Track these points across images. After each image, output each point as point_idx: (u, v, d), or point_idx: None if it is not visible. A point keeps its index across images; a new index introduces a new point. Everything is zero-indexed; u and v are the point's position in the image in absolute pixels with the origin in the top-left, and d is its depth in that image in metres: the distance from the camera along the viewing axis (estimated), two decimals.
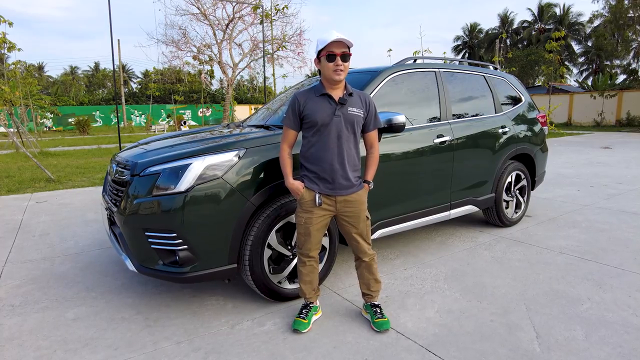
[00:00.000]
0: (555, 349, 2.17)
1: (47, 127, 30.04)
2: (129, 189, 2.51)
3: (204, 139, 2.88)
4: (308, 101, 2.29)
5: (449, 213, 3.71)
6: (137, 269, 2.51)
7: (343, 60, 2.20)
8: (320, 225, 2.35)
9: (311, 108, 2.27)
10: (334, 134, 2.25)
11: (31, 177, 7.90)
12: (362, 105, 2.33)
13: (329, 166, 2.27)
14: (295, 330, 2.37)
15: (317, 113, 2.25)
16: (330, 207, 2.32)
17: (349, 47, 2.22)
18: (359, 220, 2.37)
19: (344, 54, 2.20)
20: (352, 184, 2.32)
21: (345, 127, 2.26)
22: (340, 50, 2.19)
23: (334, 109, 2.25)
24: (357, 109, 2.30)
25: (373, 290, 2.50)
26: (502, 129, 4.11)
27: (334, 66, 2.19)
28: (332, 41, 2.15)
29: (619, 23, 24.45)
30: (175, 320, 2.55)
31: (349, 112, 2.27)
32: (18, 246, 4.00)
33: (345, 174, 2.28)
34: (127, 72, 52.04)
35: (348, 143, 2.28)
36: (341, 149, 2.26)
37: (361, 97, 2.36)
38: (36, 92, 18.80)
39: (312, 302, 2.51)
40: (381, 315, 2.44)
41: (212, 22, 14.05)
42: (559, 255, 3.53)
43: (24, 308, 2.74)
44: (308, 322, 2.42)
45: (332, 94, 2.28)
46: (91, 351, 2.23)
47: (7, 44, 11.40)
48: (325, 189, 2.29)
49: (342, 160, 2.27)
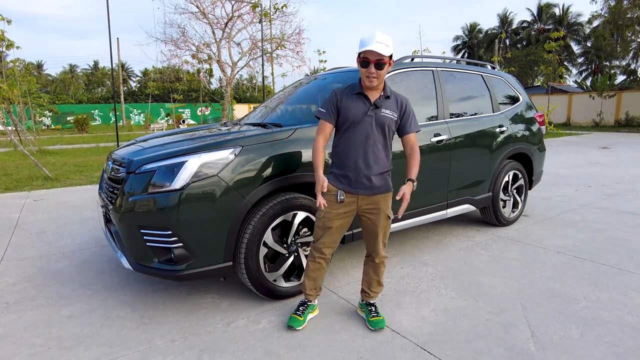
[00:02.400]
0: (551, 348, 2.17)
1: (46, 125, 29.99)
2: (124, 187, 2.51)
3: (200, 137, 2.87)
4: (345, 98, 2.30)
5: (446, 212, 3.70)
6: (133, 266, 2.50)
7: (378, 68, 2.17)
8: (339, 223, 2.33)
9: (346, 105, 2.28)
10: (362, 133, 2.25)
11: (29, 175, 7.88)
12: (397, 109, 2.31)
13: (353, 164, 2.27)
14: (290, 327, 2.37)
15: (350, 110, 2.26)
16: (352, 205, 2.31)
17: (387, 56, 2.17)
18: (379, 220, 2.34)
19: (379, 62, 2.16)
20: (374, 185, 2.29)
21: (375, 128, 2.25)
22: (375, 58, 2.15)
23: (367, 109, 2.25)
24: (390, 112, 2.28)
25: (373, 291, 2.50)
26: (500, 128, 4.11)
27: (367, 72, 2.19)
28: (368, 50, 2.13)
29: (618, 23, 24.47)
30: (171, 318, 2.55)
31: (382, 113, 2.25)
32: (14, 244, 3.99)
33: (368, 174, 2.27)
34: (126, 71, 51.98)
35: (376, 144, 2.27)
36: (367, 149, 2.26)
37: (398, 100, 2.33)
38: (35, 90, 18.74)
39: (311, 300, 2.50)
40: (376, 314, 2.43)
41: (211, 20, 14.03)
42: (555, 254, 3.53)
43: (19, 305, 2.73)
44: (304, 319, 2.41)
45: (368, 94, 2.28)
46: (85, 349, 2.23)
47: (6, 41, 11.39)
48: (347, 186, 2.29)
49: (367, 160, 2.26)
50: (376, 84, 2.22)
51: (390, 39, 2.20)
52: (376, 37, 2.14)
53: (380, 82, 2.25)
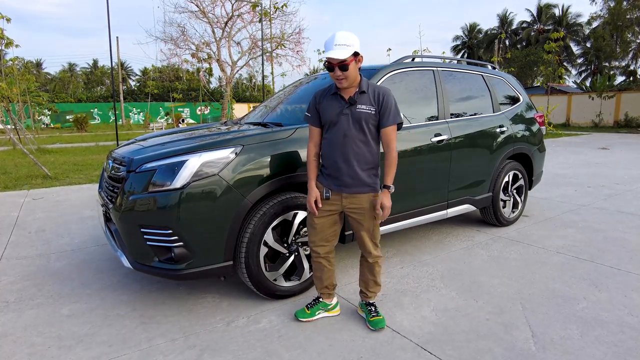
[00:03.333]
0: (551, 348, 2.17)
1: (45, 124, 29.93)
2: (124, 185, 2.50)
3: (201, 136, 2.87)
4: (323, 99, 2.32)
5: (446, 212, 3.70)
6: (133, 265, 2.50)
7: (342, 70, 2.15)
8: (325, 220, 2.34)
9: (324, 106, 2.30)
10: (340, 133, 2.24)
11: (28, 174, 7.86)
12: (374, 102, 2.25)
13: (334, 163, 2.28)
14: (295, 317, 2.47)
15: (327, 111, 2.28)
16: (336, 203, 2.31)
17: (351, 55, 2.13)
18: (364, 220, 2.32)
19: (342, 65, 2.13)
20: (358, 183, 2.27)
21: (352, 126, 2.23)
22: (337, 62, 2.13)
23: (342, 108, 2.25)
24: (366, 107, 2.23)
25: (371, 291, 2.49)
26: (500, 128, 4.11)
27: (334, 76, 2.19)
28: (328, 56, 2.12)
29: (617, 24, 24.51)
30: (171, 318, 2.54)
31: (357, 109, 2.23)
32: (13, 243, 3.98)
33: (350, 172, 2.25)
34: (126, 70, 51.90)
35: (355, 141, 2.24)
36: (346, 148, 2.24)
37: (375, 93, 2.26)
38: (34, 89, 18.70)
39: (323, 298, 2.52)
40: (376, 314, 2.43)
41: (211, 20, 14.01)
42: (555, 255, 3.53)
43: (18, 304, 2.73)
44: (311, 313, 2.47)
45: (343, 93, 2.27)
46: (85, 348, 2.22)
47: (5, 40, 11.37)
48: (332, 184, 2.31)
49: (347, 158, 2.25)
50: (346, 85, 2.21)
51: (353, 37, 2.14)
52: (335, 40, 2.11)
53: (352, 81, 2.22)
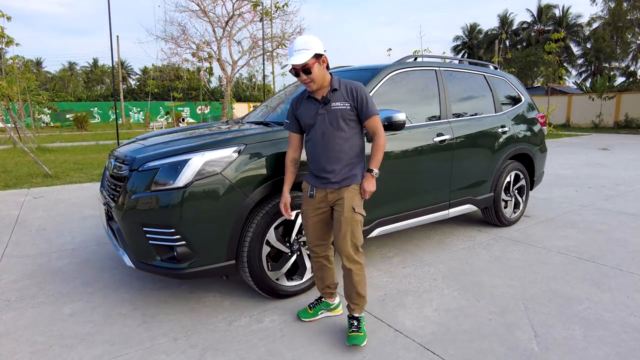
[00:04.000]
0: (554, 348, 2.17)
1: (45, 122, 29.91)
2: (127, 184, 2.50)
3: (203, 135, 2.86)
4: (299, 105, 2.35)
5: (448, 212, 3.70)
6: (135, 264, 2.49)
7: (307, 74, 2.15)
8: (316, 219, 2.33)
9: (301, 111, 2.33)
10: (319, 133, 2.25)
11: (28, 173, 7.86)
12: (347, 97, 2.23)
13: (317, 163, 2.28)
14: (297, 317, 2.49)
15: (304, 115, 2.30)
16: (323, 200, 2.30)
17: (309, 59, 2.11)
18: (342, 211, 2.23)
19: (305, 69, 2.13)
20: (340, 178, 2.24)
21: (329, 124, 2.22)
22: (300, 67, 2.13)
23: (317, 109, 2.25)
24: (340, 103, 2.23)
25: (354, 303, 2.31)
26: (502, 128, 4.11)
27: (301, 80, 2.20)
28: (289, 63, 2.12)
29: (617, 25, 24.53)
30: (173, 317, 2.54)
31: (332, 107, 2.22)
32: (14, 241, 3.98)
33: (333, 169, 2.24)
34: (126, 69, 51.86)
35: (334, 139, 2.22)
36: (326, 147, 2.24)
37: (347, 88, 2.25)
38: (34, 88, 18.69)
39: (325, 298, 2.52)
40: (357, 329, 2.24)
41: (211, 19, 14.00)
42: (557, 255, 3.53)
43: (20, 303, 2.72)
44: (313, 312, 2.48)
45: (317, 94, 2.27)
46: (87, 346, 2.22)
47: (5, 38, 11.34)
48: (317, 182, 2.30)
49: (329, 157, 2.24)
50: (315, 87, 2.21)
51: (312, 40, 2.14)
52: (295, 47, 2.12)
53: (321, 82, 2.21)
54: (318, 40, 2.17)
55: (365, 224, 3.08)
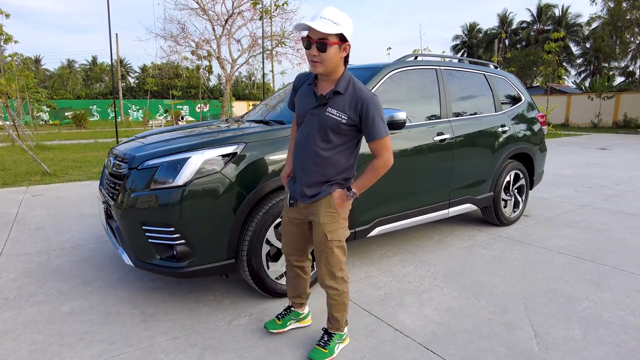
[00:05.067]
0: (554, 348, 2.17)
1: (44, 120, 29.83)
2: (126, 183, 2.49)
3: (202, 133, 2.85)
4: (301, 86, 2.03)
5: (448, 211, 3.70)
6: (134, 263, 2.48)
7: (321, 50, 1.75)
8: (294, 229, 2.08)
9: (299, 96, 2.01)
10: (303, 134, 1.94)
11: (27, 170, 7.83)
12: (350, 108, 1.85)
13: (295, 169, 2.01)
14: (265, 328, 2.27)
15: (299, 103, 1.98)
16: (301, 211, 2.03)
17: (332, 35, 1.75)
18: (317, 234, 1.97)
19: (322, 42, 1.73)
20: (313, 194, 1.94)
21: (317, 131, 1.88)
22: (317, 37, 1.74)
23: (311, 105, 1.91)
24: (337, 112, 1.85)
25: (330, 322, 2.16)
26: (502, 128, 4.10)
27: (309, 55, 1.79)
28: (310, 26, 1.72)
29: (617, 25, 24.53)
30: (172, 316, 2.53)
31: (326, 113, 1.86)
32: (13, 239, 3.96)
33: (306, 181, 1.93)
34: (125, 67, 51.75)
35: (316, 149, 1.89)
36: (306, 154, 1.91)
37: (354, 98, 1.85)
38: (33, 85, 18.63)
39: (294, 307, 2.34)
40: (323, 345, 2.08)
41: (211, 17, 13.96)
42: (557, 254, 3.53)
43: (18, 301, 2.71)
44: (282, 324, 2.27)
45: (319, 85, 1.92)
46: (86, 345, 2.21)
47: (4, 35, 11.30)
48: (295, 191, 2.02)
49: (304, 165, 1.93)
50: (321, 70, 1.81)
51: (344, 16, 1.77)
52: (322, 13, 1.74)
53: (329, 71, 1.83)
54: (351, 22, 1.80)
55: (365, 223, 3.08)
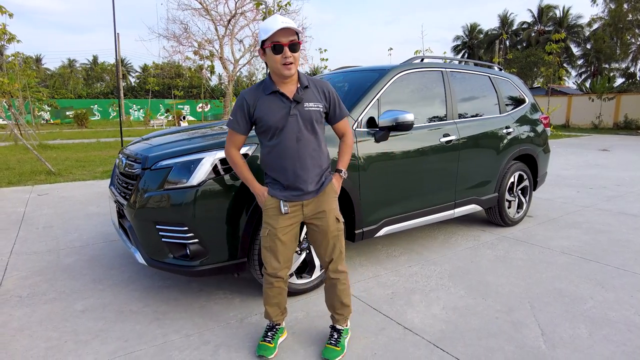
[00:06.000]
0: (561, 347, 2.21)
1: (45, 120, 29.88)
2: (139, 183, 2.52)
3: (214, 134, 2.89)
4: (258, 101, 1.97)
5: (453, 212, 3.74)
6: (147, 261, 2.52)
7: (293, 51, 1.88)
8: (287, 237, 2.06)
9: (262, 110, 1.96)
10: (292, 137, 1.96)
11: (31, 170, 7.88)
12: (320, 98, 2.03)
13: (291, 173, 1.99)
14: (261, 357, 2.09)
15: (269, 115, 1.95)
16: (297, 214, 2.05)
17: (297, 34, 1.89)
18: (328, 225, 2.06)
19: (293, 43, 1.87)
20: (317, 187, 2.05)
21: (304, 127, 1.97)
22: (288, 40, 1.85)
23: (288, 108, 1.95)
24: (314, 104, 1.99)
25: (338, 313, 2.19)
26: (506, 129, 4.14)
27: (282, 59, 1.87)
28: (278, 30, 1.82)
29: (618, 26, 24.58)
30: (184, 314, 2.57)
31: (306, 108, 1.97)
32: (22, 238, 4.00)
33: (309, 178, 2.01)
34: (126, 66, 51.79)
35: (309, 144, 1.99)
36: (302, 153, 1.98)
37: (318, 88, 2.04)
38: (34, 85, 18.67)
39: (279, 323, 2.25)
40: (335, 343, 2.12)
41: (214, 17, 14.02)
42: (561, 255, 3.57)
43: (31, 299, 2.75)
44: (274, 346, 2.14)
45: (284, 90, 1.96)
46: (102, 342, 2.25)
47: (7, 35, 11.33)
48: (289, 195, 2.02)
49: (304, 165, 1.99)
50: (294, 71, 1.92)
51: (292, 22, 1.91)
52: (277, 19, 1.85)
53: (295, 70, 1.95)
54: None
55: (372, 224, 3.12)
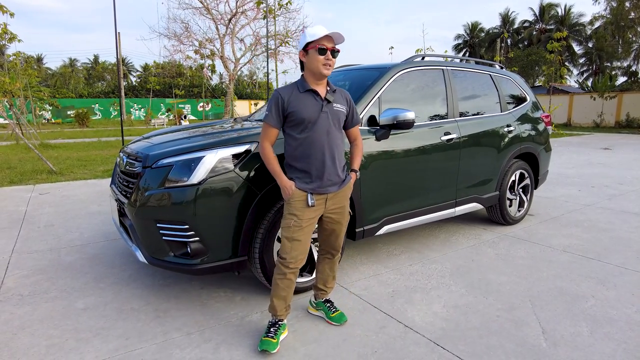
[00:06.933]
0: (562, 345, 2.21)
1: (46, 119, 29.91)
2: (140, 181, 2.53)
3: (215, 133, 2.89)
4: (292, 98, 2.18)
5: (454, 210, 3.73)
6: (148, 260, 2.53)
7: (334, 56, 2.18)
8: (310, 228, 2.20)
9: (296, 105, 2.16)
10: (323, 130, 2.18)
11: (32, 169, 7.89)
12: (345, 102, 2.31)
13: (320, 163, 2.17)
14: (264, 351, 2.13)
15: (303, 110, 2.16)
16: (320, 207, 2.22)
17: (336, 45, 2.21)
18: (343, 219, 2.34)
19: (334, 50, 2.18)
20: (341, 180, 2.27)
21: (332, 123, 2.21)
22: (331, 45, 2.16)
23: (320, 105, 2.19)
24: (340, 106, 2.27)
25: (329, 287, 2.52)
26: (508, 127, 4.14)
27: (325, 60, 2.14)
28: (324, 35, 2.12)
29: (619, 25, 24.49)
30: (185, 312, 2.57)
31: (334, 108, 2.23)
32: (24, 237, 4.01)
33: (335, 170, 2.23)
34: (127, 66, 51.81)
35: (336, 139, 2.23)
36: (331, 145, 2.20)
37: (342, 94, 2.33)
38: (35, 84, 18.68)
39: (282, 319, 2.28)
40: (336, 309, 2.48)
41: (214, 16, 14.01)
42: (562, 253, 3.56)
43: (33, 297, 2.76)
44: (277, 341, 2.18)
45: (317, 89, 2.21)
46: (103, 340, 2.25)
47: (9, 34, 11.34)
48: (316, 187, 2.18)
49: (333, 156, 2.21)
50: (329, 73, 2.19)
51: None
52: (324, 29, 2.14)
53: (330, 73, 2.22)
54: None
55: (373, 222, 3.12)
